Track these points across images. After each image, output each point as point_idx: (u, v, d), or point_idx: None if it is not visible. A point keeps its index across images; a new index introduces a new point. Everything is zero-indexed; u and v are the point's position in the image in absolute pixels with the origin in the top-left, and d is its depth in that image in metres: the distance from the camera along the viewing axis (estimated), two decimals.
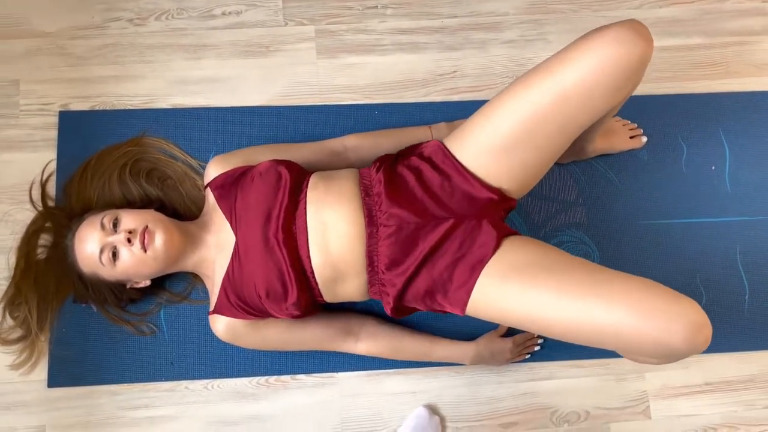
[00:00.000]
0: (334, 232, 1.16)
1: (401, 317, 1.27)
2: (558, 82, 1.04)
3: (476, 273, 1.11)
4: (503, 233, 1.15)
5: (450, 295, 1.14)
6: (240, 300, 1.21)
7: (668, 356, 1.00)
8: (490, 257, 1.11)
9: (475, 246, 1.13)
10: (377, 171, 1.20)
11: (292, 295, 1.16)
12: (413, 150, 1.24)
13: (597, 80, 1.02)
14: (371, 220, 1.16)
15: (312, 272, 1.17)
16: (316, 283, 1.19)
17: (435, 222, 1.14)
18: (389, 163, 1.22)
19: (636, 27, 1.01)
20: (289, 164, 1.24)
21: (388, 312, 1.22)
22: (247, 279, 1.18)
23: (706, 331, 0.96)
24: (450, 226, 1.14)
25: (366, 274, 1.18)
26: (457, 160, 1.17)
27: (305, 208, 1.17)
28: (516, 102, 1.09)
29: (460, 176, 1.16)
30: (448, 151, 1.18)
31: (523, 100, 1.08)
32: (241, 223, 1.20)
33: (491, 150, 1.13)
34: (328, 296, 1.22)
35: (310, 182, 1.21)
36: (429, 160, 1.19)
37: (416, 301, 1.19)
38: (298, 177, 1.21)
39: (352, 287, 1.21)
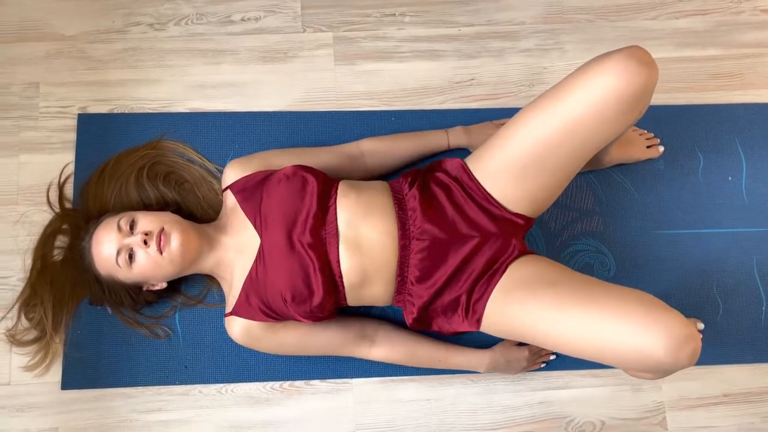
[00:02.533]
0: (367, 240, 1.18)
1: (419, 329, 1.29)
2: (562, 113, 1.07)
3: (490, 288, 1.16)
4: (517, 253, 1.20)
5: (469, 310, 1.18)
6: (262, 302, 1.21)
7: (656, 370, 1.01)
8: (502, 273, 1.16)
9: (497, 263, 1.18)
10: (410, 186, 1.23)
11: (318, 297, 1.17)
12: (439, 166, 1.26)
13: (601, 111, 1.04)
14: (404, 233, 1.19)
15: (341, 276, 1.19)
16: (343, 287, 1.21)
17: (463, 239, 1.18)
18: (421, 178, 1.25)
19: (636, 54, 1.02)
20: (313, 170, 1.25)
21: (409, 322, 1.25)
22: (271, 281, 1.18)
23: (693, 344, 0.96)
24: (476, 243, 1.18)
25: (395, 283, 1.22)
26: (478, 181, 1.20)
27: (335, 214, 1.19)
28: (525, 130, 1.12)
29: (483, 198, 1.20)
30: (471, 172, 1.21)
31: (530, 129, 1.11)
32: (266, 225, 1.20)
33: (506, 176, 1.16)
34: (353, 300, 1.24)
35: (339, 190, 1.23)
36: (457, 180, 1.22)
37: (438, 314, 1.23)
38: (325, 184, 1.23)
39: (377, 293, 1.23)
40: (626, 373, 1.15)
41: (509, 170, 1.16)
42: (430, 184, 1.24)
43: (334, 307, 1.23)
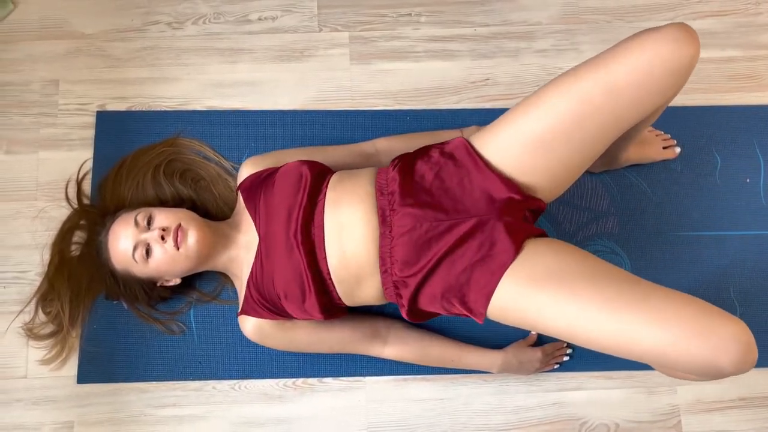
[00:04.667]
0: (347, 232, 1.14)
1: (418, 321, 1.23)
2: (610, 75, 1.02)
3: (496, 277, 1.07)
4: (524, 235, 1.10)
5: (468, 300, 1.10)
6: (265, 299, 1.21)
7: (713, 375, 0.96)
8: (512, 261, 1.07)
9: (494, 249, 1.08)
10: (393, 168, 1.18)
11: (310, 298, 1.15)
12: (435, 145, 1.20)
13: (648, 77, 1.01)
14: (384, 220, 1.13)
15: (329, 274, 1.16)
16: (334, 287, 1.18)
17: (452, 222, 1.10)
18: (408, 160, 1.19)
19: (688, 29, 1.01)
20: (311, 164, 1.23)
21: (404, 314, 1.18)
22: (267, 279, 1.18)
23: (755, 352, 0.93)
24: (469, 227, 1.10)
25: (379, 275, 1.16)
26: (481, 156, 1.14)
27: (323, 208, 1.16)
28: (565, 93, 1.05)
29: (480, 174, 1.12)
30: (473, 147, 1.15)
31: (572, 91, 1.05)
32: (264, 223, 1.21)
33: (529, 142, 1.09)
34: (347, 299, 1.21)
35: (330, 182, 1.20)
36: (450, 156, 1.16)
37: (433, 305, 1.15)
38: (318, 176, 1.20)
39: (368, 289, 1.19)
40: (663, 372, 1.11)
41: (531, 141, 1.08)
42: (417, 164, 1.17)
43: (330, 307, 1.20)
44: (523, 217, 1.15)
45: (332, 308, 1.22)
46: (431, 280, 1.12)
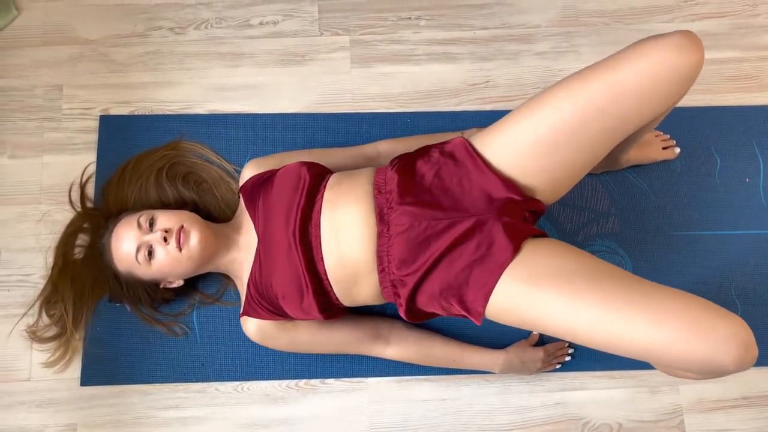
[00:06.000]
0: (344, 232, 1.15)
1: (417, 321, 1.22)
2: (617, 79, 1.03)
3: (494, 276, 1.06)
4: (523, 235, 1.10)
5: (466, 299, 1.10)
6: (265, 300, 1.22)
7: (713, 374, 0.97)
8: (510, 260, 1.06)
9: (493, 248, 1.08)
10: (392, 168, 1.18)
11: (308, 298, 1.16)
12: (435, 145, 1.20)
13: (653, 83, 1.02)
14: (382, 219, 1.13)
15: (326, 274, 1.16)
16: (331, 287, 1.18)
17: (450, 221, 1.10)
18: (407, 159, 1.19)
19: (693, 38, 1.02)
20: (310, 165, 1.24)
21: (402, 314, 1.18)
22: (266, 279, 1.19)
23: (755, 349, 0.93)
24: (468, 226, 1.09)
25: (377, 273, 1.15)
26: (481, 156, 1.14)
27: (320, 208, 1.17)
28: (570, 95, 1.06)
29: (479, 173, 1.12)
30: (472, 147, 1.15)
31: (578, 94, 1.05)
32: (262, 223, 1.21)
33: (532, 143, 1.09)
34: (345, 299, 1.21)
35: (328, 182, 1.21)
36: (450, 156, 1.16)
37: (431, 304, 1.14)
38: (317, 177, 1.21)
39: (365, 289, 1.18)
40: (663, 371, 1.11)
41: (533, 143, 1.09)
42: (417, 164, 1.17)
43: (328, 307, 1.20)
44: (522, 217, 1.14)
45: (331, 308, 1.22)
46: (429, 279, 1.12)
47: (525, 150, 1.10)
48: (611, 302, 0.99)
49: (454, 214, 1.11)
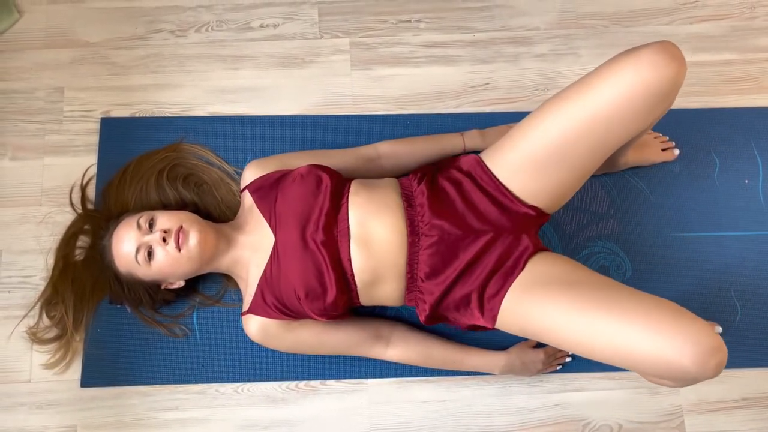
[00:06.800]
0: (376, 238, 1.19)
1: (433, 325, 1.30)
2: (589, 104, 1.06)
3: (507, 284, 1.16)
4: (535, 249, 1.19)
5: (483, 305, 1.18)
6: (277, 300, 1.22)
7: (681, 379, 0.99)
8: (521, 269, 1.16)
9: (510, 259, 1.17)
10: (419, 183, 1.24)
11: (331, 295, 1.18)
12: (451, 163, 1.27)
13: (629, 103, 1.03)
14: (413, 230, 1.19)
15: (352, 275, 1.20)
16: (355, 286, 1.21)
17: (475, 234, 1.18)
18: (430, 175, 1.25)
19: (669, 48, 1.02)
20: (328, 170, 1.27)
21: (422, 319, 1.25)
22: (285, 279, 1.19)
23: (720, 355, 0.95)
24: (489, 238, 1.17)
25: (405, 281, 1.22)
26: (494, 175, 1.20)
27: (347, 212, 1.20)
28: (554, 117, 1.10)
29: (498, 191, 1.19)
30: (486, 166, 1.21)
31: (554, 120, 1.10)
32: (281, 224, 1.22)
33: (526, 168, 1.15)
34: (365, 299, 1.25)
35: (351, 188, 1.24)
36: (469, 175, 1.22)
37: (450, 310, 1.22)
38: (338, 182, 1.25)
39: (389, 292, 1.23)
40: (645, 378, 1.14)
41: (529, 162, 1.14)
42: (439, 180, 1.24)
43: (348, 305, 1.24)
44: (536, 231, 1.24)
45: (349, 307, 1.26)
46: (455, 289, 1.19)
47: (522, 171, 1.17)
48: (581, 304, 1.06)
49: (478, 228, 1.18)
